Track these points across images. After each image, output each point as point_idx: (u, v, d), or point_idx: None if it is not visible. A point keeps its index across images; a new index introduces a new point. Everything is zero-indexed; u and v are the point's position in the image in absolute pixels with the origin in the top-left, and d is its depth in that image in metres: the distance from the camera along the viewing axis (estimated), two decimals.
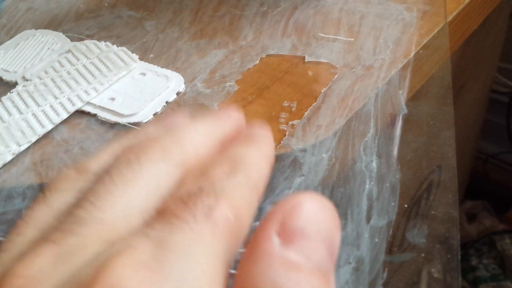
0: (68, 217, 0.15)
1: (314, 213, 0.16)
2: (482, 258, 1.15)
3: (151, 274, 0.13)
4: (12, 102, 0.38)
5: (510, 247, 1.15)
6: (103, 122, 0.37)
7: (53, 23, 0.47)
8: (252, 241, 0.15)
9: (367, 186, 0.32)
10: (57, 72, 0.40)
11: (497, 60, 0.92)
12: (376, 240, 0.29)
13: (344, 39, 0.42)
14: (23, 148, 0.35)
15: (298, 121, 0.35)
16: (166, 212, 0.15)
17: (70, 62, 0.40)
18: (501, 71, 1.07)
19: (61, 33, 0.45)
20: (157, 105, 0.37)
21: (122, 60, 0.40)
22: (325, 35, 0.42)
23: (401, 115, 0.37)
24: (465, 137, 0.85)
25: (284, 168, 0.33)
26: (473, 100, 0.82)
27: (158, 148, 0.18)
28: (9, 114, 0.37)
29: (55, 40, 0.44)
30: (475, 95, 0.82)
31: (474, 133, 0.99)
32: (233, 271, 0.15)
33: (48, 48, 0.43)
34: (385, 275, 0.28)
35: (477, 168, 1.21)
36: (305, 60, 0.40)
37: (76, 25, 0.46)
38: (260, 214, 0.31)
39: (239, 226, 0.16)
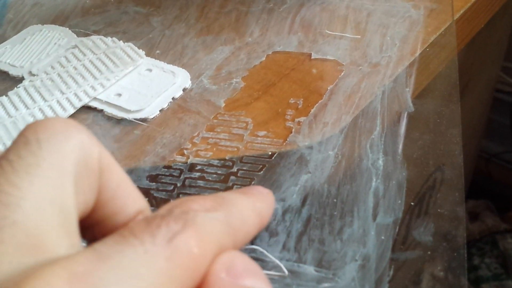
0: None
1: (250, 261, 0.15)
2: (484, 258, 1.15)
3: None
4: (19, 97, 0.38)
5: None
6: (110, 118, 0.37)
7: (59, 19, 0.47)
8: (200, 286, 0.14)
9: (373, 183, 0.32)
10: (64, 67, 0.40)
11: (501, 59, 0.92)
12: (383, 237, 0.30)
13: (351, 36, 0.41)
14: None
15: (304, 118, 0.35)
16: (125, 229, 0.14)
17: (76, 58, 0.40)
18: (505, 70, 1.07)
19: (67, 28, 0.45)
20: (164, 101, 0.37)
21: (128, 56, 0.40)
22: (332, 32, 0.42)
23: (406, 112, 0.37)
24: (468, 136, 0.85)
25: (290, 165, 0.33)
26: (477, 99, 0.82)
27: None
28: (16, 109, 0.37)
29: (61, 36, 0.44)
30: (478, 94, 0.82)
31: (477, 132, 0.99)
32: None
33: (55, 44, 0.43)
34: (391, 272, 0.28)
35: (480, 167, 1.21)
36: (312, 57, 0.40)
37: (83, 20, 0.46)
38: None
39: (200, 263, 0.14)
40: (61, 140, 0.15)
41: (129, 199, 0.17)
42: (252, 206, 0.17)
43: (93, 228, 0.17)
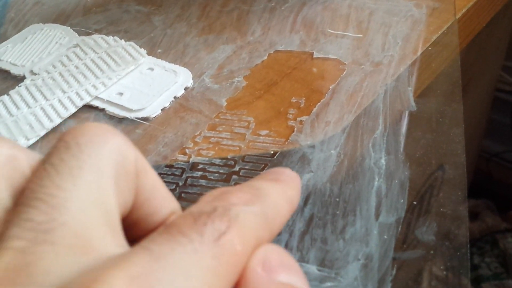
0: (22, 221, 0.13)
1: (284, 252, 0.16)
2: (484, 257, 1.15)
3: None
4: (20, 96, 0.38)
5: None
6: (111, 117, 0.37)
7: (60, 17, 0.47)
8: (238, 281, 0.15)
9: (376, 182, 0.32)
10: (65, 66, 0.40)
11: (502, 58, 0.92)
12: (385, 237, 0.29)
13: (353, 35, 0.41)
14: (31, 142, 0.35)
15: (307, 117, 0.35)
16: (172, 227, 0.14)
17: (78, 57, 0.40)
18: (505, 70, 1.07)
19: (68, 27, 0.44)
20: (165, 100, 0.37)
21: (130, 55, 0.40)
22: (334, 31, 0.42)
23: (407, 111, 0.37)
24: (468, 135, 0.84)
25: (292, 164, 0.33)
26: (478, 98, 0.82)
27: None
28: (18, 108, 0.37)
29: (63, 34, 0.43)
30: (479, 93, 0.82)
31: (478, 132, 0.99)
32: None
33: (56, 42, 0.43)
34: (394, 272, 0.28)
35: (480, 166, 1.21)
36: (314, 56, 0.40)
37: (84, 19, 0.46)
38: None
39: (242, 259, 0.15)
40: (99, 143, 0.16)
41: (163, 200, 0.18)
42: (284, 194, 0.18)
43: (130, 229, 0.17)
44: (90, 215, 0.14)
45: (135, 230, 0.17)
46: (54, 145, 0.16)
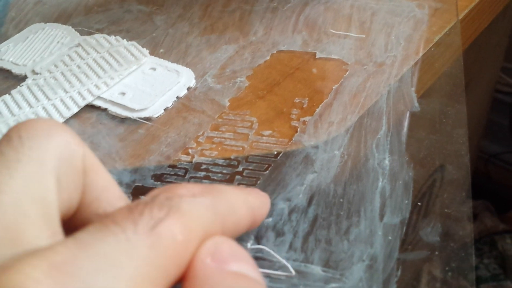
0: None
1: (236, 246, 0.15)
2: (482, 258, 1.15)
3: (64, 279, 0.11)
4: (22, 95, 0.37)
5: (511, 247, 1.16)
6: (114, 117, 0.37)
7: (62, 17, 0.47)
8: (186, 273, 0.14)
9: (379, 183, 0.32)
10: (67, 66, 0.39)
11: (501, 60, 0.92)
12: (390, 238, 0.29)
13: (356, 35, 0.41)
14: None
15: (310, 117, 0.35)
16: (107, 217, 0.13)
17: (80, 56, 0.40)
18: (505, 71, 1.07)
19: (70, 27, 0.44)
20: (168, 100, 0.37)
21: (132, 54, 0.40)
22: (336, 32, 0.42)
23: (408, 112, 0.36)
24: (467, 136, 0.84)
25: (296, 165, 0.33)
26: (477, 100, 0.82)
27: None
28: (19, 107, 0.37)
29: (64, 34, 0.43)
30: (479, 95, 0.82)
31: (476, 133, 0.99)
32: None
33: (58, 42, 0.42)
34: (399, 273, 0.28)
35: (479, 167, 1.21)
36: (316, 57, 0.40)
37: (86, 19, 0.46)
38: (272, 210, 0.31)
39: (185, 250, 0.14)
40: (43, 137, 0.15)
41: (114, 202, 0.17)
42: (243, 198, 0.17)
43: (79, 229, 0.17)
44: (24, 208, 0.14)
45: None
46: None
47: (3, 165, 0.14)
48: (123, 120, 0.36)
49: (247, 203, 0.17)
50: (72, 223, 0.16)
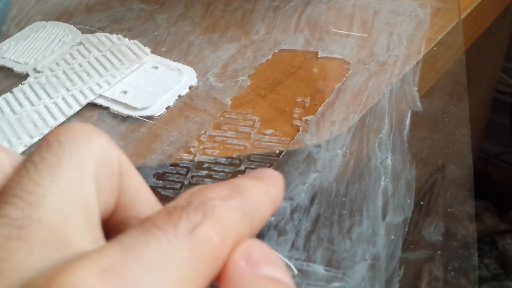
0: None
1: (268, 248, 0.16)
2: (483, 258, 1.15)
3: (115, 281, 0.12)
4: (24, 93, 0.37)
5: (511, 247, 1.16)
6: (116, 115, 0.36)
7: (63, 15, 0.47)
8: (221, 274, 0.15)
9: (382, 182, 0.32)
10: (69, 64, 0.39)
11: (502, 60, 0.92)
12: (392, 237, 0.29)
13: (358, 35, 0.41)
14: (35, 140, 0.34)
15: (312, 116, 0.35)
16: (147, 221, 0.14)
17: (81, 55, 0.40)
18: (505, 71, 1.07)
19: (72, 25, 0.44)
20: (170, 99, 0.37)
21: (134, 53, 0.40)
22: (338, 31, 0.42)
23: (410, 111, 0.36)
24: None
25: (298, 164, 0.33)
26: (477, 99, 0.82)
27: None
28: (21, 105, 0.36)
29: (66, 32, 0.43)
30: (479, 95, 0.82)
31: (477, 133, 0.99)
32: None
33: (59, 40, 0.42)
34: (401, 272, 0.28)
35: (479, 168, 1.21)
36: (318, 56, 0.40)
37: (87, 17, 0.46)
38: None
39: (221, 252, 0.14)
40: (81, 142, 0.16)
41: (147, 204, 0.18)
42: (265, 191, 0.18)
43: (115, 231, 0.17)
44: (68, 211, 0.14)
45: (120, 232, 0.17)
46: (38, 144, 0.16)
47: (45, 170, 0.15)
48: (125, 118, 0.36)
49: (269, 195, 0.18)
50: (107, 225, 0.17)
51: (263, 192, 0.17)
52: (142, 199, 0.18)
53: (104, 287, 0.12)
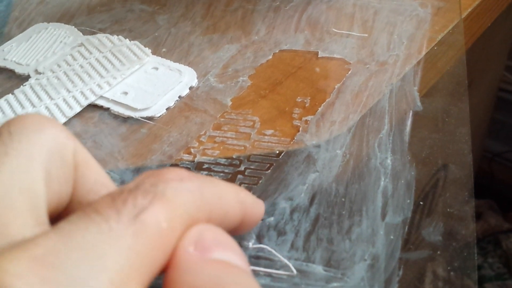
0: None
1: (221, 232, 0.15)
2: (487, 257, 1.15)
3: (47, 273, 0.11)
4: (25, 95, 0.38)
5: None
6: (116, 116, 0.37)
7: (65, 17, 0.47)
8: (169, 262, 0.14)
9: (382, 182, 0.32)
10: (70, 65, 0.40)
11: (505, 58, 0.92)
12: (392, 237, 0.29)
13: (358, 34, 0.41)
14: None
15: (312, 116, 0.35)
16: (89, 206, 0.13)
17: (82, 56, 0.40)
18: (509, 70, 1.06)
19: (73, 26, 0.44)
20: (170, 100, 0.37)
21: (134, 54, 0.40)
22: (339, 31, 0.42)
23: (410, 111, 0.36)
24: (471, 135, 0.84)
25: (298, 164, 0.33)
26: (481, 98, 0.82)
27: None
28: (22, 107, 0.37)
29: (67, 34, 0.43)
30: (482, 93, 0.81)
31: (480, 132, 0.99)
32: None
33: (61, 42, 0.42)
34: (401, 272, 0.28)
35: (483, 166, 1.21)
36: (319, 56, 0.40)
37: (88, 18, 0.46)
38: (274, 209, 0.31)
39: (170, 237, 0.14)
40: (32, 132, 0.15)
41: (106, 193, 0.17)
42: (233, 190, 0.17)
43: None
44: (10, 200, 0.14)
45: None
46: None
47: None
48: (126, 119, 0.36)
49: (237, 196, 0.17)
50: (64, 215, 0.17)
51: (230, 189, 0.17)
52: (102, 190, 0.17)
53: (34, 278, 0.11)
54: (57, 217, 0.16)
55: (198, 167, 0.33)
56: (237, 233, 0.18)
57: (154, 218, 0.13)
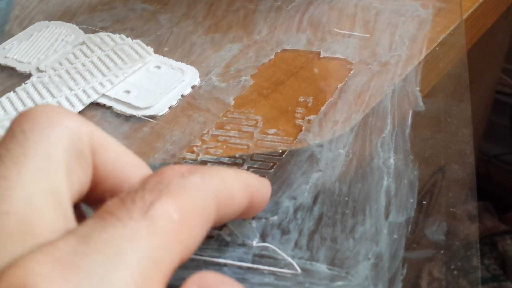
0: None
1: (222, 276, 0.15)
2: (483, 259, 1.16)
3: (68, 272, 0.12)
4: (27, 93, 0.37)
5: (511, 248, 1.16)
6: (118, 115, 0.37)
7: (66, 15, 0.47)
8: None
9: (385, 182, 0.32)
10: (72, 64, 0.39)
11: (502, 61, 0.92)
12: (395, 236, 0.29)
13: (360, 35, 0.41)
14: None
15: (314, 116, 0.35)
16: (101, 209, 0.14)
17: (84, 54, 0.40)
18: (506, 72, 1.07)
19: (74, 25, 0.44)
20: (173, 99, 0.37)
21: (137, 52, 0.40)
22: (341, 31, 0.42)
23: (412, 111, 0.36)
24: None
25: (301, 163, 0.33)
26: (478, 100, 0.82)
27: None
28: (24, 105, 0.37)
29: (68, 32, 0.43)
30: (480, 95, 0.82)
31: (477, 134, 0.99)
32: None
33: (62, 40, 0.42)
34: (404, 271, 0.28)
35: (479, 169, 1.22)
36: (321, 56, 0.40)
37: (90, 17, 0.46)
38: (277, 208, 0.31)
39: (186, 228, 0.14)
40: (45, 128, 0.15)
41: (131, 168, 0.18)
42: (236, 174, 0.17)
43: (104, 199, 0.17)
44: (36, 202, 0.14)
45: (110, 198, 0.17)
46: (3, 135, 0.16)
47: (11, 161, 0.14)
48: (128, 118, 0.36)
49: (240, 177, 0.17)
50: (93, 197, 0.17)
51: (233, 174, 0.17)
52: (124, 165, 0.17)
53: (58, 277, 0.11)
54: (86, 199, 0.16)
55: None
56: (250, 214, 0.18)
57: (164, 210, 0.14)
